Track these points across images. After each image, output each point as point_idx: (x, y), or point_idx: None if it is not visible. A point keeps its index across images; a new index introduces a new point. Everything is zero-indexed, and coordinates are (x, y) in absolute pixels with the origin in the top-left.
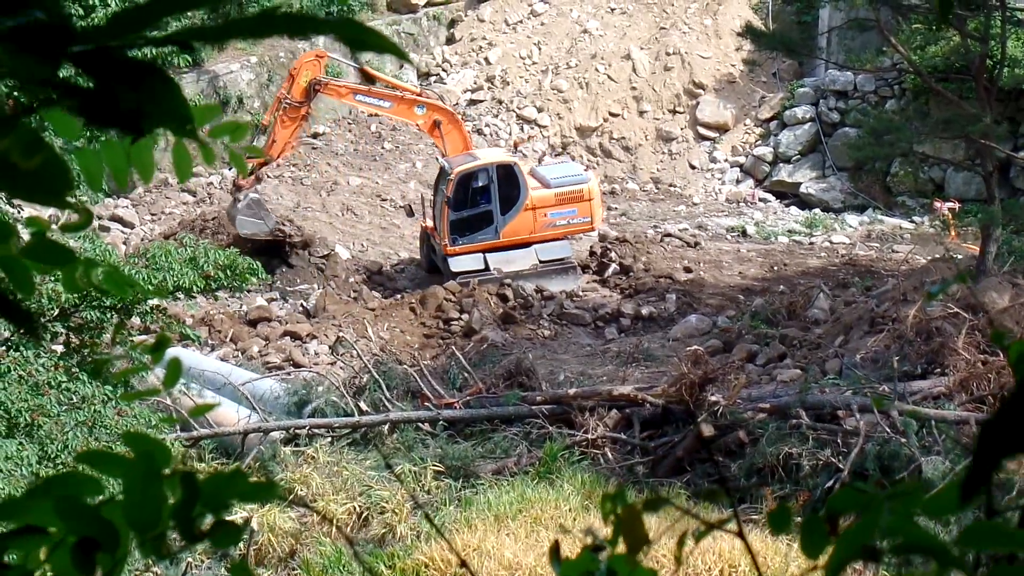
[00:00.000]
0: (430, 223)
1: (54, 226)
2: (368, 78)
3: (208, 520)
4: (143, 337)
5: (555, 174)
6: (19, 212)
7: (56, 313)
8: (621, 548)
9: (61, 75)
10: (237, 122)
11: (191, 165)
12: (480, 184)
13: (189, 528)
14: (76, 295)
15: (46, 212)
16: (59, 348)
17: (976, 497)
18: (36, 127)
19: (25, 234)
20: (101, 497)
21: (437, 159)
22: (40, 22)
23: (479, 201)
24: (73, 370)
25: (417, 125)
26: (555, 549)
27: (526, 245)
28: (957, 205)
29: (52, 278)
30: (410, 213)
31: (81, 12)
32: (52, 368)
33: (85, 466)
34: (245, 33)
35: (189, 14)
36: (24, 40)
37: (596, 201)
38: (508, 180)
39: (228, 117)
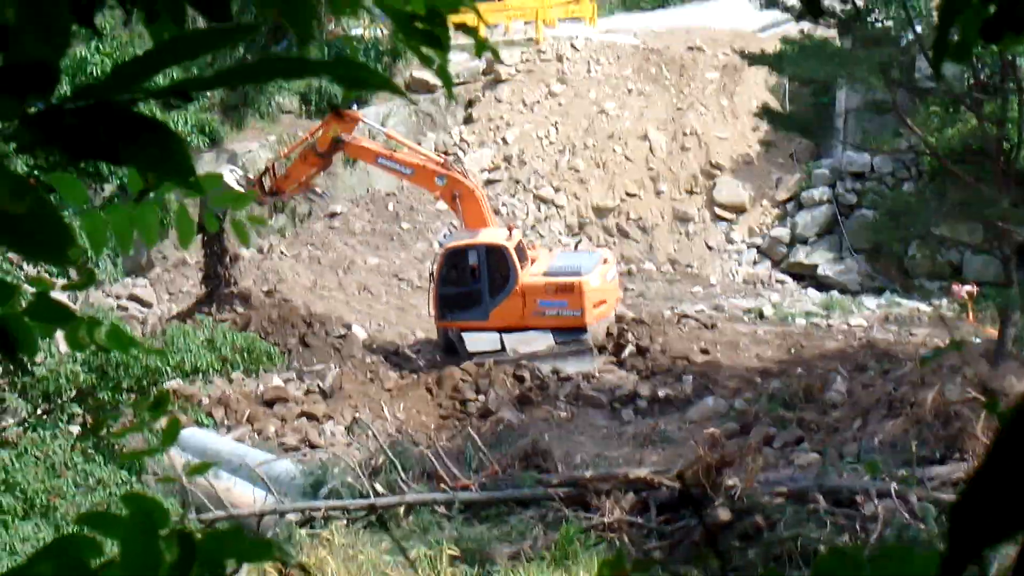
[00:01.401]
0: None
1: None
2: (337, 112)
3: None
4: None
5: (563, 263)
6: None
7: (73, 394)
8: None
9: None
10: (241, 192)
11: (193, 230)
12: (470, 263)
13: None
14: (93, 376)
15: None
16: (76, 429)
17: None
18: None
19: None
20: (102, 559)
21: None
22: (18, 63)
23: (469, 280)
24: (89, 451)
25: (435, 195)
26: None
27: (515, 330)
28: (975, 288)
29: (71, 359)
30: None
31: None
32: (69, 449)
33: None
34: (241, 79)
35: None
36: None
37: (590, 296)
38: (498, 263)
39: None
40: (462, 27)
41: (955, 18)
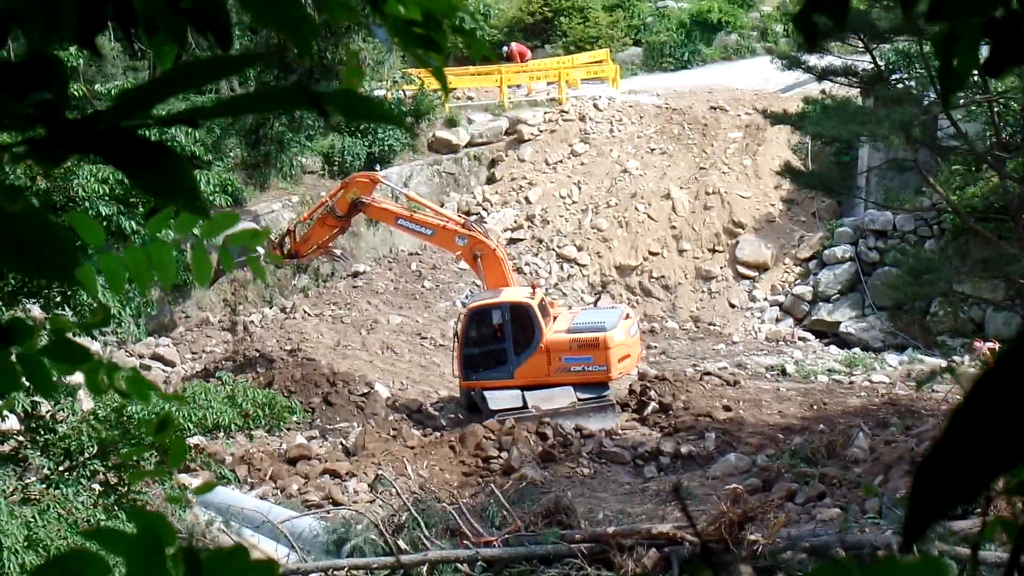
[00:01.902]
0: None
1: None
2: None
3: None
4: (183, 476)
5: (586, 319)
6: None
7: (95, 451)
8: None
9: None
10: (256, 229)
11: (211, 268)
12: (495, 322)
13: None
14: (115, 434)
15: None
16: (97, 488)
17: (917, 542)
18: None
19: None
20: None
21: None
22: (18, 61)
23: (494, 339)
24: (111, 508)
25: (456, 255)
26: None
27: (540, 388)
28: (997, 345)
29: (92, 416)
30: None
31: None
32: (91, 506)
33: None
34: (247, 108)
35: None
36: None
37: (615, 351)
38: (522, 321)
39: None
40: (459, 31)
41: (955, 45)
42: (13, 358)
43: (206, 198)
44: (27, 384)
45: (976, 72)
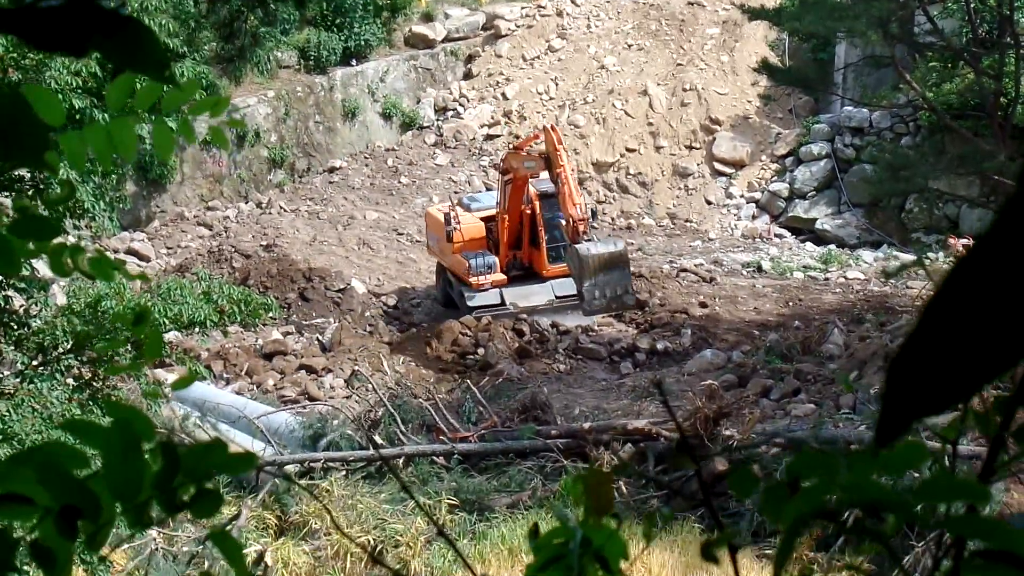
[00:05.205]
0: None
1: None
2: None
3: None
4: (159, 372)
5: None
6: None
7: (70, 346)
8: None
9: None
10: (218, 98)
11: (172, 143)
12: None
13: (170, 497)
14: (91, 328)
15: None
16: (72, 383)
17: (892, 443)
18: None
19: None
20: (86, 470)
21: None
22: None
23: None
24: (86, 403)
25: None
26: (534, 530)
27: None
28: (972, 242)
29: (65, 312)
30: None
31: None
32: (66, 401)
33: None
34: None
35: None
36: None
37: None
38: None
39: (245, 151)
40: None
41: None
42: None
43: (175, 70)
44: None
45: None
